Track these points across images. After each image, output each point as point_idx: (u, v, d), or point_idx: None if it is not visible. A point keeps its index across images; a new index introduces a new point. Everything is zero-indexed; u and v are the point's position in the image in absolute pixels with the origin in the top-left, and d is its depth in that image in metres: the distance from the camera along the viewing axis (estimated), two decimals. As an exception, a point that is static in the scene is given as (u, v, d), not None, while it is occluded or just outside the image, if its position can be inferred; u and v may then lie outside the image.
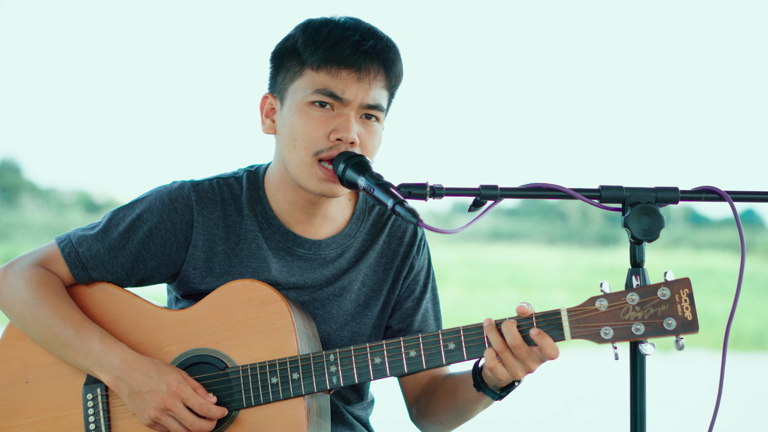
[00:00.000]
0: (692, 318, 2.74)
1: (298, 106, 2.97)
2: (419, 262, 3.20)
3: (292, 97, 2.98)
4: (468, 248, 26.81)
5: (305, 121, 2.96)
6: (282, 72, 3.01)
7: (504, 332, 2.78)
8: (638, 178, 9.66)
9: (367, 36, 2.96)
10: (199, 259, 3.08)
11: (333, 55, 2.93)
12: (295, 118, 2.97)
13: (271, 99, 3.05)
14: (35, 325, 3.03)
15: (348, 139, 2.93)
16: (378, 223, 3.17)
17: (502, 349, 2.78)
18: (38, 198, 28.96)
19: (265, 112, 3.06)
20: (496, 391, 2.90)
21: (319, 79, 2.95)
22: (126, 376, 2.95)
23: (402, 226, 3.18)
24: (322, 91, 2.94)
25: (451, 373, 3.12)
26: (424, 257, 3.22)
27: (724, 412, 2.98)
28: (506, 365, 2.79)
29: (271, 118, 3.05)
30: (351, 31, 2.95)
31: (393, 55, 2.99)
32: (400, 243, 3.18)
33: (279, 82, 3.02)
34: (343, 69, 2.94)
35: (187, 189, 3.09)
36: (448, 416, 3.10)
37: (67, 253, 3.07)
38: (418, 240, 3.19)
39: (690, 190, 2.76)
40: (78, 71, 35.87)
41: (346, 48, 2.93)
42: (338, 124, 2.95)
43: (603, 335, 2.76)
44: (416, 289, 3.19)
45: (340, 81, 2.94)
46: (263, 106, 3.07)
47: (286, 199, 3.09)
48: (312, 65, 2.95)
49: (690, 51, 37.48)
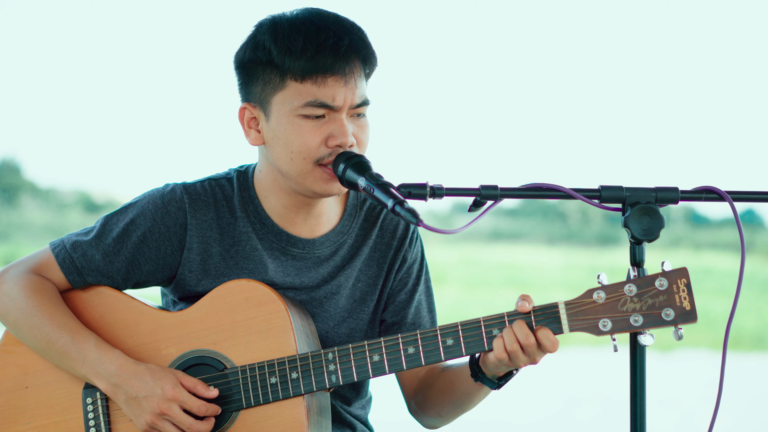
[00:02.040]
0: (690, 308, 2.74)
1: (288, 119, 2.94)
2: (412, 255, 3.20)
3: (279, 110, 2.96)
4: (468, 248, 26.81)
5: (300, 133, 2.94)
6: (258, 83, 2.97)
7: (516, 330, 2.79)
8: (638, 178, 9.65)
9: (339, 33, 2.93)
10: (194, 261, 3.08)
11: (316, 65, 2.91)
12: (288, 131, 2.95)
13: (250, 109, 3.01)
14: (31, 333, 3.03)
15: (346, 144, 2.93)
16: (370, 217, 3.17)
17: (515, 346, 2.79)
18: (38, 198, 28.95)
19: (246, 122, 3.02)
20: (495, 381, 2.90)
21: (306, 91, 2.92)
22: (122, 383, 2.95)
23: (394, 220, 3.18)
24: (313, 103, 2.92)
25: (448, 365, 3.12)
26: (417, 250, 3.22)
27: (724, 412, 2.98)
28: (512, 358, 2.80)
29: (254, 128, 3.02)
30: (324, 32, 2.92)
31: (366, 44, 2.97)
32: (393, 236, 3.18)
33: (257, 93, 2.98)
34: (329, 76, 2.92)
35: (180, 192, 3.08)
36: (447, 408, 3.10)
37: (61, 260, 3.07)
38: (411, 233, 3.19)
39: (690, 190, 2.76)
40: (78, 71, 35.87)
41: (327, 56, 2.91)
42: (333, 129, 2.94)
43: (601, 327, 2.76)
44: (409, 281, 3.20)
45: (328, 88, 2.92)
46: (243, 117, 3.03)
47: (279, 202, 3.08)
48: (295, 77, 2.92)
49: (690, 51, 37.47)
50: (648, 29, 36.45)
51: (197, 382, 2.95)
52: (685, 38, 38.07)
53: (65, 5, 37.13)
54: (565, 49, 37.68)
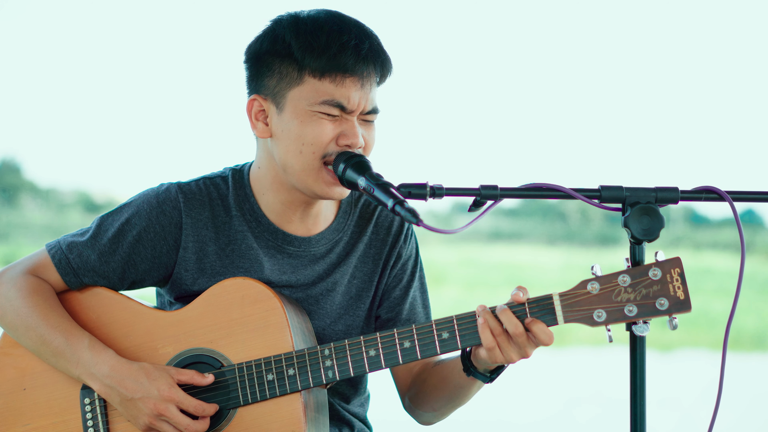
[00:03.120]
0: (684, 297, 2.74)
1: (304, 113, 2.95)
2: (406, 251, 3.21)
3: (294, 105, 2.97)
4: (468, 248, 26.82)
5: (314, 128, 2.95)
6: (272, 76, 2.98)
7: (503, 320, 2.78)
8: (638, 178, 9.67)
9: (360, 37, 2.95)
10: (190, 260, 3.08)
11: (337, 64, 2.92)
12: (303, 125, 2.96)
13: (260, 101, 3.02)
14: (26, 334, 3.03)
15: (356, 145, 2.95)
16: (365, 214, 3.18)
17: (500, 332, 2.79)
18: (38, 198, 28.95)
19: (254, 114, 3.03)
20: (486, 374, 2.91)
21: (323, 89, 2.94)
22: (116, 384, 2.95)
23: (389, 216, 3.19)
24: (330, 102, 2.93)
25: (441, 359, 3.13)
26: (412, 246, 3.23)
27: (724, 412, 2.98)
28: (502, 349, 2.80)
29: (262, 121, 3.03)
30: (346, 34, 2.94)
31: (383, 53, 2.99)
32: (387, 233, 3.19)
33: (270, 86, 2.99)
34: (348, 77, 2.94)
35: (174, 191, 3.09)
36: (441, 403, 3.11)
37: (57, 260, 3.07)
38: (405, 229, 3.21)
39: (690, 190, 2.76)
40: (78, 71, 35.88)
41: (349, 56, 2.92)
42: (345, 129, 2.95)
43: (596, 318, 2.77)
44: (404, 278, 3.20)
45: (345, 89, 2.94)
46: (251, 109, 3.03)
47: (278, 199, 3.08)
48: (314, 73, 2.94)
49: (690, 51, 37.48)
50: (648, 29, 36.45)
51: (192, 374, 2.96)
52: (685, 38, 38.08)
53: (65, 5, 37.14)
54: (565, 50, 37.69)
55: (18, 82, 35.30)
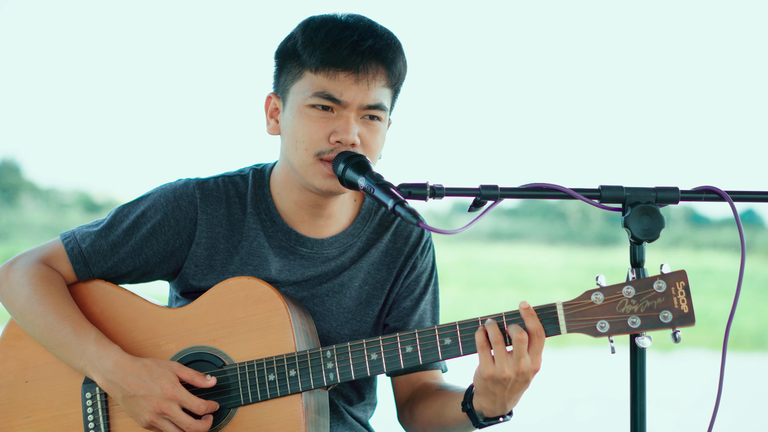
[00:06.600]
0: (688, 311, 2.74)
1: (298, 108, 2.97)
2: (422, 264, 3.19)
3: (293, 99, 2.99)
4: (468, 248, 26.81)
5: (305, 123, 2.96)
6: (284, 73, 3.01)
7: (489, 330, 2.78)
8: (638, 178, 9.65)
9: (365, 35, 2.95)
10: (201, 256, 3.09)
11: (330, 57, 2.93)
12: (296, 120, 2.97)
13: (275, 99, 3.05)
14: (34, 321, 3.04)
15: (348, 141, 2.93)
16: (384, 222, 3.17)
17: (498, 341, 2.77)
18: (38, 198, 28.96)
19: (270, 112, 3.07)
20: (480, 418, 2.89)
21: (317, 82, 2.95)
22: (119, 380, 2.95)
23: (409, 226, 3.17)
24: (321, 94, 2.94)
25: (445, 385, 3.12)
26: (429, 260, 3.20)
27: (724, 412, 2.98)
28: (496, 359, 2.77)
29: (275, 118, 3.05)
30: (350, 30, 2.95)
31: (393, 53, 2.98)
32: (405, 242, 3.17)
33: (281, 82, 3.02)
34: (341, 71, 2.94)
35: (192, 186, 3.10)
36: (432, 427, 3.08)
37: (70, 249, 3.08)
38: (424, 241, 3.19)
39: (690, 190, 2.76)
40: (78, 71, 35.88)
41: (343, 50, 2.93)
42: (338, 125, 2.95)
43: (599, 329, 2.76)
44: (416, 289, 3.19)
45: (338, 83, 2.94)
46: (268, 107, 3.07)
47: (291, 198, 3.09)
48: (310, 67, 2.95)
49: (690, 51, 37.47)
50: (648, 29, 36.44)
51: (194, 374, 2.95)
52: (685, 38, 38.08)
53: (65, 5, 37.14)
54: (566, 50, 37.69)
55: (18, 82, 35.30)
